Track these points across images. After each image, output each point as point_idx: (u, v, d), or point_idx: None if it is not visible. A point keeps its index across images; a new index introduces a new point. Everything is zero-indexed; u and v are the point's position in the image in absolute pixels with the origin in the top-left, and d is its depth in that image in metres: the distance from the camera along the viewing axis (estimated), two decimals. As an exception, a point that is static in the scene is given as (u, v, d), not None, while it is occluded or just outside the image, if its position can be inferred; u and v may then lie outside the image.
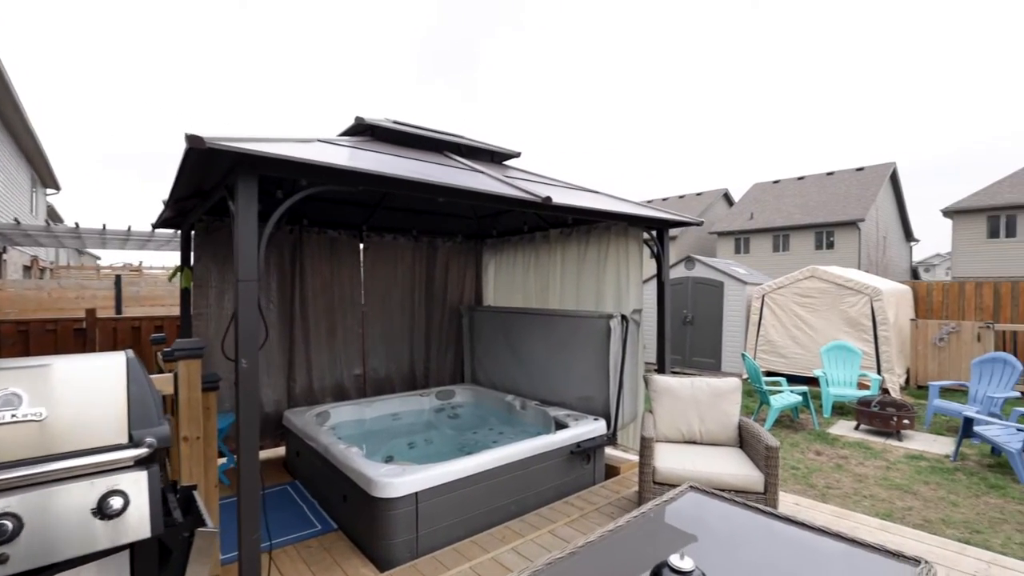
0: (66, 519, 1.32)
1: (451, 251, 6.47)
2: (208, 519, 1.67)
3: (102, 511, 1.36)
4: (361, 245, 5.71)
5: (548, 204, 3.36)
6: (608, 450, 4.73)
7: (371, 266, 5.80)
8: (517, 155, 5.01)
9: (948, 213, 22.36)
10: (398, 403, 5.51)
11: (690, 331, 11.45)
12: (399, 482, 3.03)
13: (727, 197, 33.73)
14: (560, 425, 4.46)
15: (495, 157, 4.92)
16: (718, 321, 11.12)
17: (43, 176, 16.12)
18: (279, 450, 5.11)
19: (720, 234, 28.52)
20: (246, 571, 2.33)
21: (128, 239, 10.66)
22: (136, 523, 1.40)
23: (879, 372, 8.74)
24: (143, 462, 1.45)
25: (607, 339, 4.59)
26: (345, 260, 5.59)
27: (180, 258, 4.66)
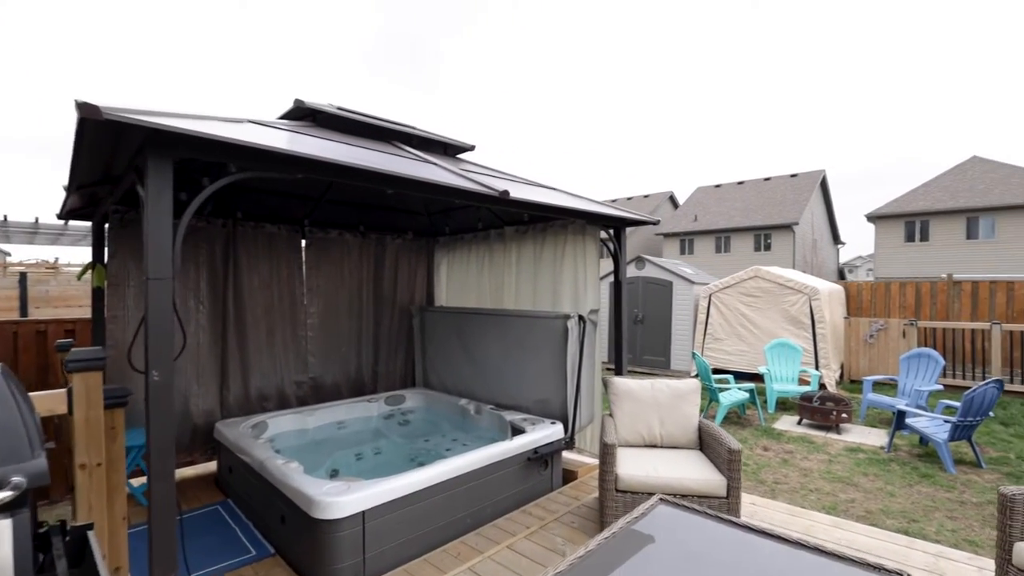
0: None
1: (401, 249, 6.17)
2: (102, 568, 1.37)
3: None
4: (303, 241, 5.32)
5: (505, 199, 3.18)
6: (565, 454, 4.61)
7: (314, 264, 5.41)
8: (471, 148, 4.80)
9: (871, 218, 23.99)
10: (344, 410, 5.17)
11: (640, 330, 11.61)
12: (344, 501, 2.75)
13: (672, 200, 34.83)
14: (516, 430, 4.29)
15: (448, 150, 4.69)
16: (667, 320, 11.33)
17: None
18: (210, 465, 4.66)
19: (666, 235, 29.37)
20: (160, 616, 2.00)
21: (36, 232, 9.59)
22: (-5, 587, 1.10)
23: (817, 368, 9.15)
24: (6, 508, 1.14)
25: (564, 340, 4.46)
26: (285, 257, 5.18)
27: (92, 253, 4.14)
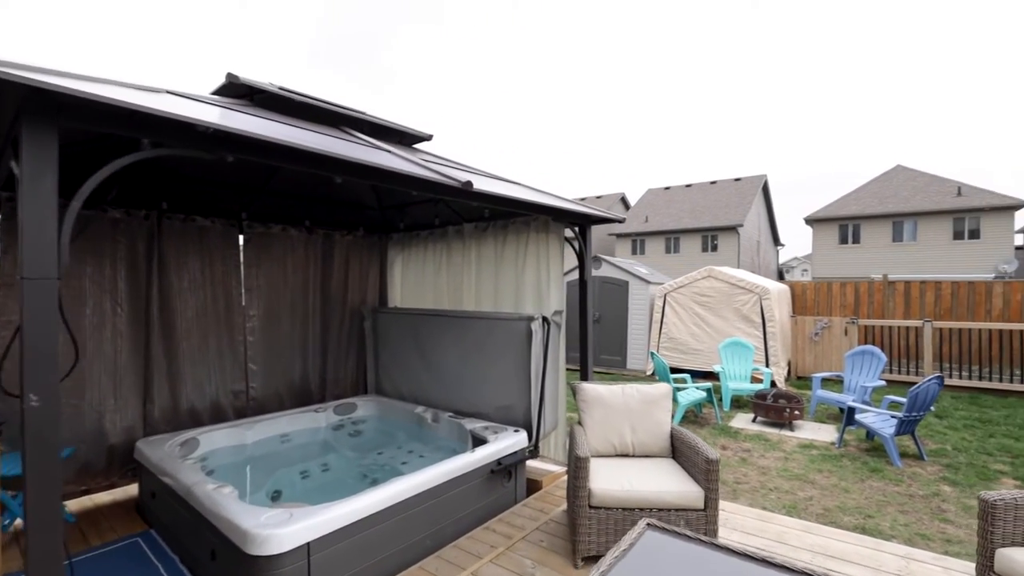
0: None
1: (351, 246, 5.75)
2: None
3: None
4: (241, 237, 4.83)
5: (469, 190, 2.91)
6: (528, 462, 4.38)
7: (254, 262, 4.93)
8: (429, 138, 4.48)
9: (809, 221, 25.26)
10: (287, 422, 4.73)
11: (597, 329, 11.59)
12: (284, 533, 2.40)
13: (624, 201, 35.47)
14: (478, 440, 4.02)
15: (404, 139, 4.35)
16: (623, 319, 11.36)
17: None
18: (131, 489, 4.12)
19: (619, 235, 29.86)
20: None
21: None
22: None
23: (767, 366, 9.39)
24: None
25: (528, 343, 4.23)
26: (220, 254, 4.68)
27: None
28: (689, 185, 32.47)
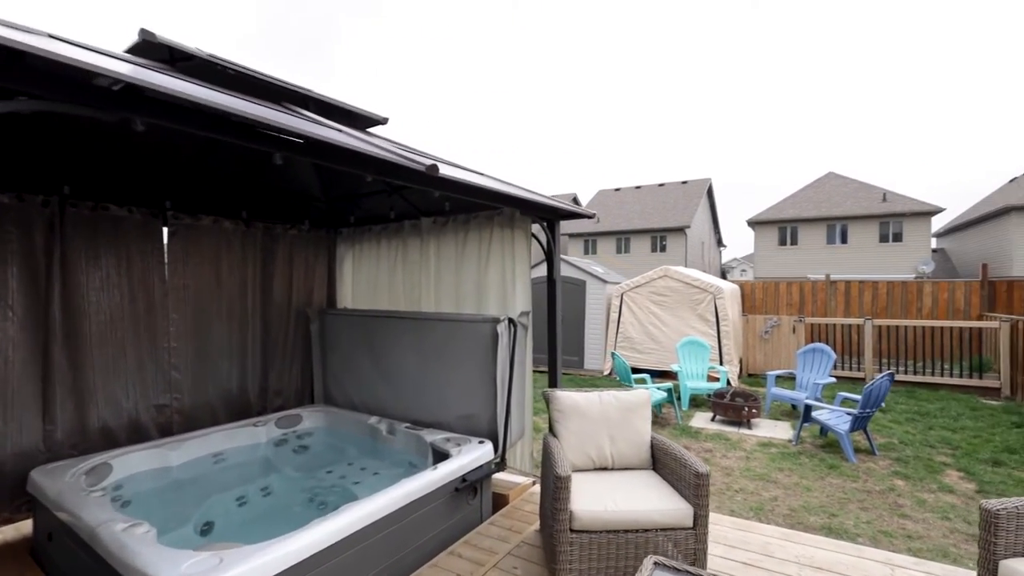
0: None
1: (295, 241, 5.23)
2: None
3: None
4: (165, 229, 4.24)
5: (433, 175, 2.56)
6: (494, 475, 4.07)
7: (181, 257, 4.34)
8: (384, 121, 4.08)
9: (751, 223, 26.32)
10: (222, 439, 4.19)
11: (555, 330, 11.42)
12: (213, 585, 1.98)
13: (576, 201, 35.80)
14: (439, 453, 3.67)
15: (356, 121, 3.93)
16: (580, 319, 11.25)
17: None
18: (24, 526, 3.48)
19: (571, 235, 30.06)
20: None
21: None
22: None
23: (721, 364, 9.51)
24: None
25: (493, 347, 3.91)
26: (139, 248, 4.07)
27: None
28: (639, 187, 33.16)
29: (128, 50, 2.77)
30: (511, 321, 4.00)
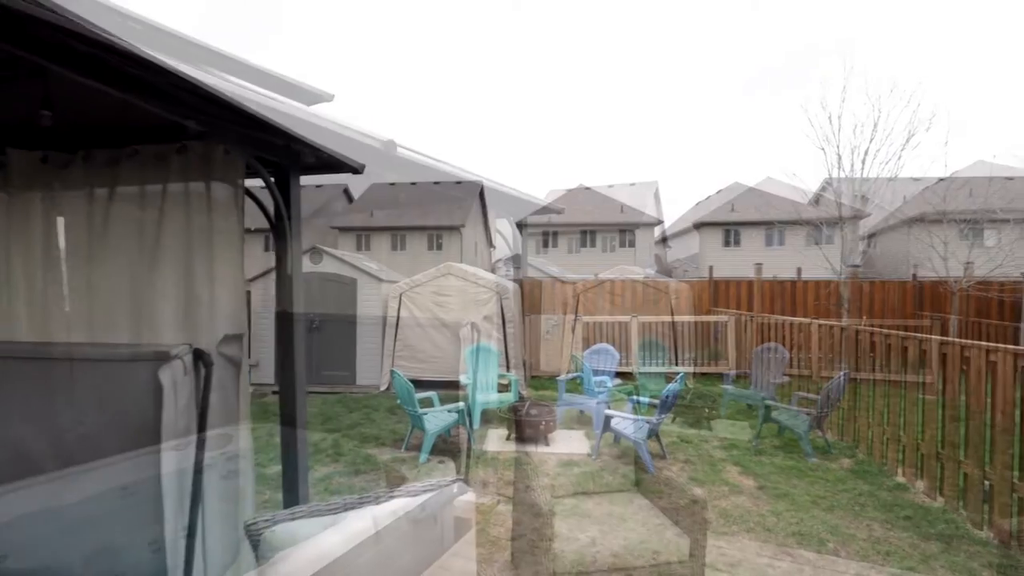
0: None
1: None
2: None
3: None
4: None
5: None
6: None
7: None
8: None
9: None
10: None
11: (317, 339, 9.18)
12: None
13: (347, 193, 32.78)
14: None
15: None
16: (351, 325, 9.30)
17: None
18: None
19: (342, 229, 27.20)
20: None
21: None
22: None
23: (508, 369, 8.79)
24: None
25: (155, 410, 1.94)
26: None
27: None
28: (415, 183, 32.01)
29: None
30: (199, 354, 2.09)
